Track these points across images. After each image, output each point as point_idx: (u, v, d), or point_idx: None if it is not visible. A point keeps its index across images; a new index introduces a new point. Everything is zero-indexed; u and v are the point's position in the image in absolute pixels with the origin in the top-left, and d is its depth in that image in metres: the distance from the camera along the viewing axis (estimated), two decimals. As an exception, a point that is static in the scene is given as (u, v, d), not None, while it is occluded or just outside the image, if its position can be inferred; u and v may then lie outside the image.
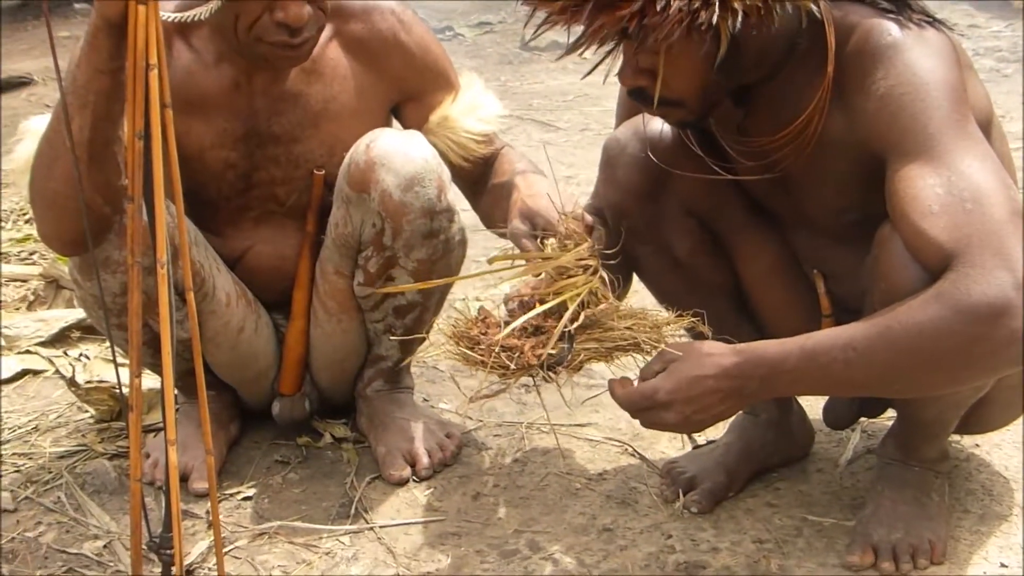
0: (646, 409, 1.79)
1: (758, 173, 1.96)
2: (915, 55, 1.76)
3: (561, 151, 4.68)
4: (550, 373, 1.81)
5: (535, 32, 1.84)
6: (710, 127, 2.01)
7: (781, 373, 1.73)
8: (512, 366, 1.78)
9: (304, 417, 2.50)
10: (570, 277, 1.85)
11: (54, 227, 2.11)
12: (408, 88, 2.39)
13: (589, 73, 1.91)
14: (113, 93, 1.90)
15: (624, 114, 2.21)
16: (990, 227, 1.63)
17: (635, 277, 2.24)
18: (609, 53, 1.84)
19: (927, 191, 1.68)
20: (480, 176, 2.42)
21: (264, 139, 2.29)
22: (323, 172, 2.33)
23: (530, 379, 1.83)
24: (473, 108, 2.42)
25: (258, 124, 2.28)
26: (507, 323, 1.83)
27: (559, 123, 5.06)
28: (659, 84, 1.81)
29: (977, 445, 2.33)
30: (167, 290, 1.64)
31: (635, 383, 1.83)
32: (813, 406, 2.39)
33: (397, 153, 2.19)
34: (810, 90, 1.84)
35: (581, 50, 1.81)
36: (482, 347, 1.80)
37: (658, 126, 2.08)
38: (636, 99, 1.90)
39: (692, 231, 2.15)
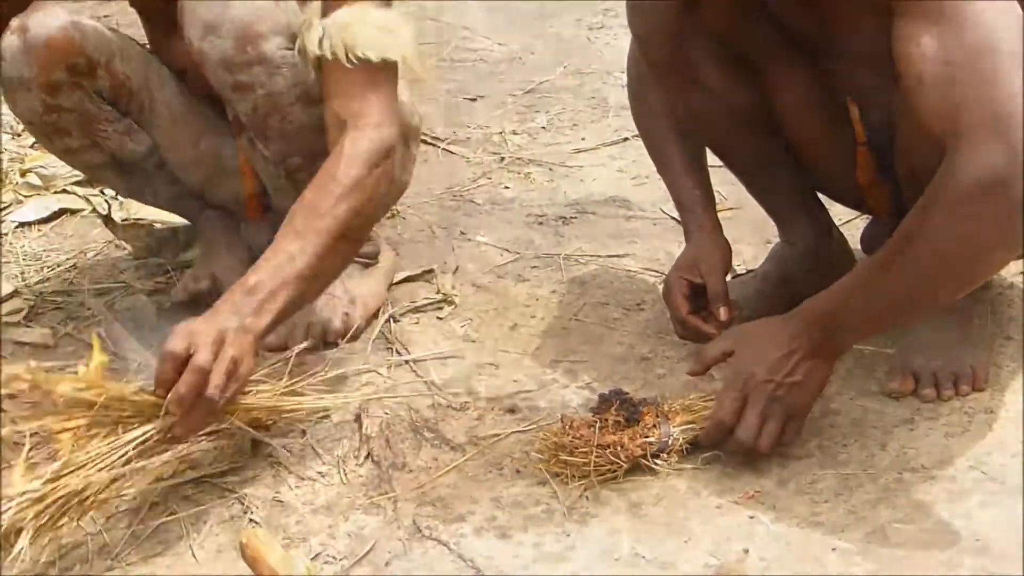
0: (737, 406, 1.80)
1: None
2: None
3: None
4: (656, 461, 1.82)
5: None
6: None
7: (835, 314, 1.76)
8: (622, 462, 1.80)
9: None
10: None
11: None
12: None
13: None
14: None
15: None
16: (977, 92, 1.56)
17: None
18: None
19: (917, 54, 1.61)
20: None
21: None
22: None
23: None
24: (379, 28, 1.97)
25: None
26: (596, 420, 1.84)
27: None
28: None
29: (1021, 272, 2.29)
30: None
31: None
32: (854, 235, 2.36)
33: None
34: None
35: None
36: (583, 450, 1.81)
37: None
38: None
39: (721, 57, 2.08)
